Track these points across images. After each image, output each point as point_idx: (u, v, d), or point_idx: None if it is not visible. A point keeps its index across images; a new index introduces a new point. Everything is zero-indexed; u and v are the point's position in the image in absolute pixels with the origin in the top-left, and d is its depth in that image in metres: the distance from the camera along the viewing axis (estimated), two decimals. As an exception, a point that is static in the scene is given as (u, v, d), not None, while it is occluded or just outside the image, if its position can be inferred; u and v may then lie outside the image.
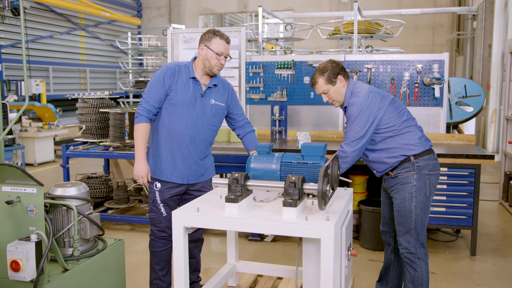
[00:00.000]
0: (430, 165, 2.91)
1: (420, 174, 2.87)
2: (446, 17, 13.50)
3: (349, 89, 2.99)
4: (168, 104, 3.01)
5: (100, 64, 14.60)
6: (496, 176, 7.67)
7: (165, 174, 3.08)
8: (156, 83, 2.98)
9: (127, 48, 8.86)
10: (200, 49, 3.03)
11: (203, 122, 3.08)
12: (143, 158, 3.00)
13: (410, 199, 2.87)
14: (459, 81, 5.87)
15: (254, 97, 5.32)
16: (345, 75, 2.98)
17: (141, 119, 2.98)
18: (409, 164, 2.88)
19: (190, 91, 3.01)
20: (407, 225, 2.88)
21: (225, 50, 3.02)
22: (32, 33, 11.80)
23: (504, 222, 5.41)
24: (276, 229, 2.32)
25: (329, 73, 2.93)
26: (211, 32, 3.03)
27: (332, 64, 2.97)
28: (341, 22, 5.74)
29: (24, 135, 9.01)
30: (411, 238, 2.88)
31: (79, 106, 5.25)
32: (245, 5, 14.62)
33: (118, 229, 5.13)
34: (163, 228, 3.13)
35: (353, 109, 2.89)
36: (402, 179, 2.90)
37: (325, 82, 2.94)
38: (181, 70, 3.03)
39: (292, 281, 3.36)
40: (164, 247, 3.16)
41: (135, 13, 16.08)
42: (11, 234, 2.26)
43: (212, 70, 3.03)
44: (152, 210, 3.14)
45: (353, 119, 2.89)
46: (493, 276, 3.89)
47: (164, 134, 3.05)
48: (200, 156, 3.14)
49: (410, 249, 2.89)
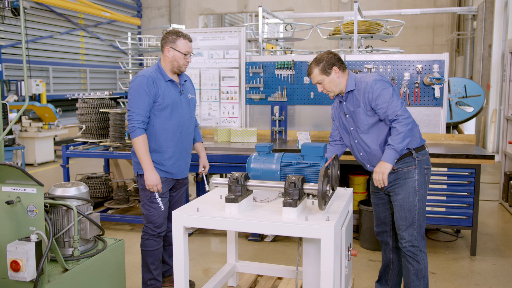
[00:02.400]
0: (427, 160, 3.00)
1: (421, 169, 2.94)
2: (446, 17, 13.50)
3: (352, 78, 3.00)
4: (156, 110, 3.15)
5: (100, 64, 14.60)
6: (496, 176, 7.67)
7: (168, 173, 3.26)
8: (142, 94, 3.09)
9: (127, 48, 8.84)
10: (166, 51, 3.18)
11: (188, 116, 3.34)
12: (152, 167, 3.14)
13: (413, 193, 2.92)
14: (459, 81, 5.87)
15: (254, 97, 5.32)
16: (341, 67, 2.98)
17: (138, 132, 3.10)
18: (410, 158, 2.93)
19: (171, 92, 3.21)
20: (410, 218, 2.92)
21: (190, 49, 3.22)
22: (32, 33, 11.79)
23: (504, 222, 5.41)
24: (276, 229, 2.33)
25: (324, 64, 2.95)
26: (174, 33, 3.19)
27: (329, 55, 2.98)
28: (341, 22, 5.74)
29: (24, 135, 9.01)
30: (414, 231, 2.92)
31: (79, 106, 5.25)
32: (245, 5, 14.62)
33: (118, 229, 5.13)
34: (160, 223, 3.26)
35: (376, 86, 2.87)
36: (404, 174, 2.94)
37: (319, 72, 2.96)
38: (157, 76, 3.17)
39: (292, 281, 3.36)
40: (158, 245, 3.29)
41: (135, 13, 16.08)
42: (11, 234, 2.26)
43: (181, 69, 3.24)
44: (150, 207, 3.24)
45: (380, 94, 2.86)
46: (493, 276, 3.89)
47: (161, 138, 3.20)
48: (191, 146, 3.45)
49: (413, 242, 2.92)
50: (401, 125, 2.80)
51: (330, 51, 3.05)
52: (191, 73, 5.43)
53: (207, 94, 5.43)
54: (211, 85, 5.44)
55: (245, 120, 5.39)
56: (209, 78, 5.43)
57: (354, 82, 2.99)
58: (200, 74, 5.44)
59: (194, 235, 4.86)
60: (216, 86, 5.42)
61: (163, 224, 3.27)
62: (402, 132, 2.79)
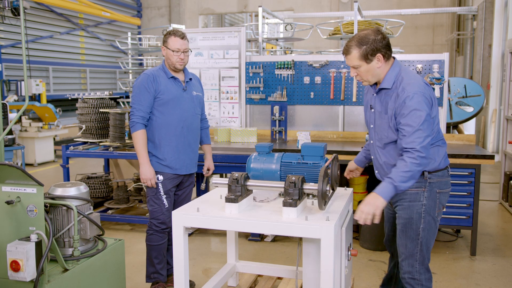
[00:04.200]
0: (443, 183, 2.57)
1: (431, 192, 2.53)
2: (446, 17, 13.49)
3: (393, 72, 2.49)
4: (158, 105, 3.27)
5: (100, 64, 14.60)
6: (496, 176, 7.67)
7: (170, 168, 3.32)
8: (143, 91, 3.23)
9: (127, 48, 8.84)
10: (162, 50, 3.32)
11: (192, 112, 3.40)
12: (148, 161, 3.26)
13: (418, 220, 2.52)
14: (459, 81, 5.87)
15: (254, 97, 5.32)
16: (386, 54, 2.46)
17: (138, 126, 3.23)
18: (421, 178, 2.51)
19: (173, 88, 3.30)
20: (411, 248, 2.54)
21: (181, 46, 3.25)
22: (32, 33, 11.79)
23: (504, 222, 5.41)
24: (276, 229, 2.32)
25: (367, 48, 2.41)
26: (168, 33, 3.30)
27: (376, 36, 2.43)
28: (341, 22, 5.74)
29: (24, 135, 9.01)
30: (415, 262, 2.55)
31: (79, 106, 5.25)
32: (245, 5, 14.62)
33: (118, 229, 5.13)
34: (164, 220, 3.33)
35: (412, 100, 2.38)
36: (409, 196, 2.54)
37: (359, 57, 2.44)
38: (159, 74, 3.29)
39: (292, 281, 3.35)
40: (162, 240, 3.37)
41: (135, 13, 16.07)
42: (11, 234, 2.26)
43: (175, 66, 3.29)
44: (154, 203, 3.33)
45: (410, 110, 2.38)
46: (493, 276, 3.89)
47: (163, 132, 3.29)
48: (196, 144, 3.50)
49: (414, 275, 2.55)
50: (413, 162, 2.33)
51: (378, 30, 2.48)
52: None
53: (207, 94, 5.43)
54: (211, 85, 5.44)
55: (245, 120, 5.39)
56: (209, 78, 5.43)
57: (393, 79, 2.48)
58: (200, 74, 5.44)
59: (194, 235, 4.86)
60: (216, 86, 5.42)
61: (167, 221, 3.33)
62: (411, 171, 2.33)
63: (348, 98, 5.07)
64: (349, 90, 5.05)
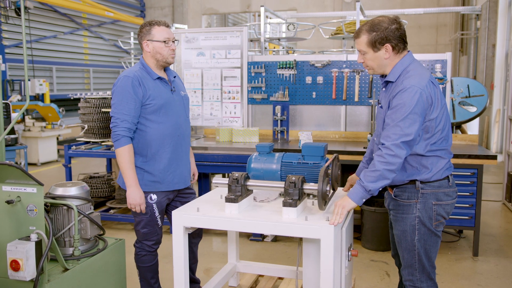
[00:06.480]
0: (440, 194, 2.37)
1: (426, 204, 2.35)
2: (449, 16, 13.44)
3: (401, 66, 2.36)
4: (148, 113, 2.78)
5: (104, 64, 14.63)
6: (500, 177, 7.63)
7: (166, 184, 2.89)
8: (127, 97, 2.72)
9: (130, 48, 8.87)
10: (145, 46, 2.82)
11: (184, 116, 2.97)
12: (136, 182, 2.76)
13: (412, 232, 2.38)
14: (462, 81, 5.84)
15: (256, 97, 5.32)
16: (397, 47, 2.32)
17: (123, 141, 2.71)
18: (413, 189, 2.36)
19: (163, 91, 2.83)
20: (409, 259, 2.43)
21: (170, 35, 2.83)
22: (35, 33, 11.83)
23: (507, 223, 5.39)
24: (276, 229, 2.32)
25: (377, 35, 2.30)
26: (147, 24, 2.83)
27: (390, 25, 2.30)
28: (343, 22, 5.73)
29: (28, 135, 9.04)
30: (415, 271, 2.43)
31: (82, 106, 5.26)
32: (248, 5, 14.61)
33: (120, 228, 5.14)
34: (158, 239, 2.97)
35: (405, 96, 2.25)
36: (403, 208, 2.40)
37: (367, 43, 2.33)
38: (143, 75, 2.79)
39: (293, 281, 3.35)
40: (155, 258, 3.02)
41: (139, 13, 16.10)
42: (11, 233, 2.27)
43: (168, 60, 2.85)
44: (147, 225, 2.89)
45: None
46: (495, 277, 3.87)
47: (157, 143, 2.82)
48: (188, 151, 3.05)
49: (415, 283, 2.44)
50: (380, 161, 2.20)
51: (395, 19, 2.34)
52: (193, 73, 5.44)
53: (209, 94, 5.43)
54: (213, 85, 5.44)
55: (247, 120, 5.38)
56: (211, 78, 5.43)
57: (399, 73, 2.34)
58: (202, 74, 5.44)
59: (196, 234, 4.86)
60: (218, 86, 5.42)
61: (160, 239, 2.99)
62: (378, 170, 2.20)
63: (350, 98, 5.05)
64: (351, 90, 5.04)
